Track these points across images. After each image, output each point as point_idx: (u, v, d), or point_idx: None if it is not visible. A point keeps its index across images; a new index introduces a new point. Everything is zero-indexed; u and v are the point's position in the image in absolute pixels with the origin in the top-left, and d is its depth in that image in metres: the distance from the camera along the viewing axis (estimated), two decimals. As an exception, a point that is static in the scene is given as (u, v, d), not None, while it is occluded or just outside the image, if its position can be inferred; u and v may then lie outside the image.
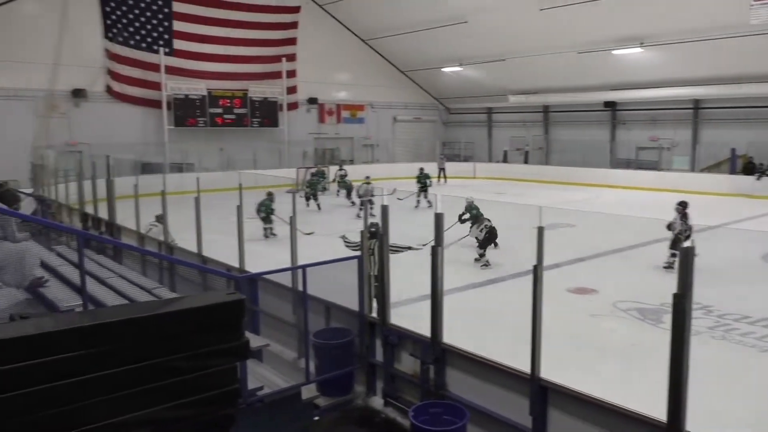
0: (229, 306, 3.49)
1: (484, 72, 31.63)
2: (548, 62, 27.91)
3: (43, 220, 12.97)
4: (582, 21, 24.25)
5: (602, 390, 5.17)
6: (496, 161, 34.33)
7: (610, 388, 5.32)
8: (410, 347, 6.91)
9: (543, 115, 33.13)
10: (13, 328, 2.87)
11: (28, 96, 23.80)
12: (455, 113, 37.86)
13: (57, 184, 17.58)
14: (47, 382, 2.85)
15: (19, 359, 2.76)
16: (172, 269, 10.76)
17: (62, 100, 24.70)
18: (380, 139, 34.95)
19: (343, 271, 7.54)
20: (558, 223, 14.96)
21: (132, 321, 3.12)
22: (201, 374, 3.37)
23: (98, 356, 3.00)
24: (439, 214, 6.49)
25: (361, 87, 33.92)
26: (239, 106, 28.98)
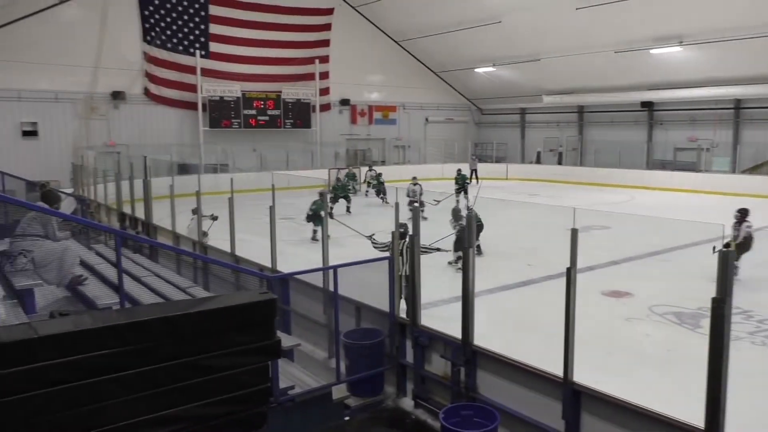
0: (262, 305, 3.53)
1: (518, 72, 31.35)
2: (584, 62, 27.53)
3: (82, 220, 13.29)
4: (619, 20, 23.85)
5: (637, 395, 5.07)
6: (529, 162, 34.01)
7: (645, 393, 5.21)
8: (441, 349, 6.88)
9: (578, 115, 32.68)
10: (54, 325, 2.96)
11: (69, 98, 24.48)
12: (488, 114, 37.60)
13: (96, 184, 18.02)
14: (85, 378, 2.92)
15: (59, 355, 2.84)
16: (206, 268, 10.93)
17: (102, 102, 25.33)
18: (412, 140, 34.93)
19: (373, 272, 7.55)
20: (592, 225, 14.74)
21: (167, 319, 3.18)
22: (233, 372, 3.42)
23: (134, 353, 3.07)
24: (471, 215, 6.45)
25: (393, 88, 33.96)
26: (272, 108, 29.29)
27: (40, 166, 23.00)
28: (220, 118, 27.92)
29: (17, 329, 2.88)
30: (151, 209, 14.15)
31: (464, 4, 27.36)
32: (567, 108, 32.62)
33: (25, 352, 2.77)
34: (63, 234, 7.00)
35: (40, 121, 23.85)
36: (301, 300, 8.82)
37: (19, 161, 22.50)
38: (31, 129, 23.74)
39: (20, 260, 6.36)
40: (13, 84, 23.00)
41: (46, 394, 2.82)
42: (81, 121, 24.83)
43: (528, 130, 35.52)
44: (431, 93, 35.41)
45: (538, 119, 34.75)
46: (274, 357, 3.71)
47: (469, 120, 37.62)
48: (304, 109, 30.19)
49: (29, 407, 2.78)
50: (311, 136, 30.87)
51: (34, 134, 23.77)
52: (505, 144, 35.75)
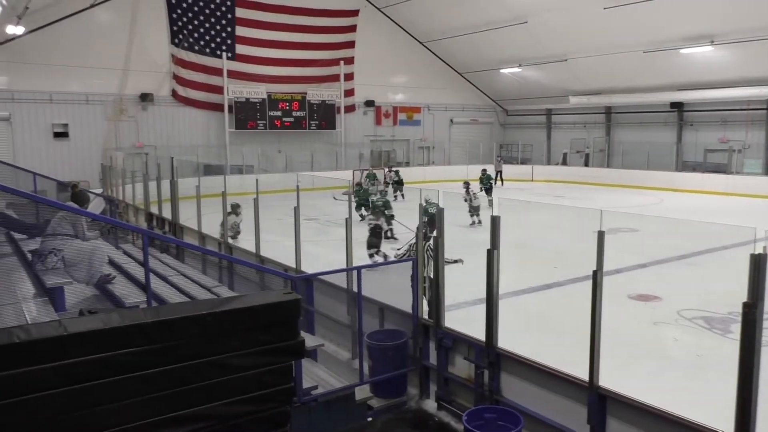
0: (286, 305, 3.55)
1: (544, 73, 31.10)
2: (612, 62, 27.19)
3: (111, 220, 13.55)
4: (648, 19, 23.50)
5: (665, 400, 4.99)
6: (555, 164, 33.68)
7: (673, 399, 5.13)
8: (464, 351, 6.86)
9: (605, 116, 32.28)
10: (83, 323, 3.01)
11: (99, 100, 24.95)
12: (513, 115, 37.36)
13: (124, 185, 18.33)
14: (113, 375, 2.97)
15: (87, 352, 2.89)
16: (231, 268, 11.05)
17: (130, 104, 25.77)
18: (436, 141, 34.87)
19: (397, 273, 7.56)
20: (619, 228, 14.54)
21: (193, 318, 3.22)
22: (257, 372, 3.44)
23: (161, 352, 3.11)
24: (496, 216, 6.42)
25: (417, 89, 33.94)
26: (297, 109, 29.48)
27: (70, 167, 23.51)
28: (246, 120, 28.19)
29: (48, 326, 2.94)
30: (178, 209, 14.35)
31: (490, 5, 27.23)
32: (594, 109, 32.24)
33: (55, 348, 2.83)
34: (92, 233, 7.13)
35: (71, 123, 24.34)
36: (325, 300, 8.87)
37: (51, 162, 23.04)
38: (63, 130, 24.24)
39: (51, 259, 6.50)
40: (45, 86, 23.54)
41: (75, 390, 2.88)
42: (110, 123, 25.29)
43: (554, 132, 35.20)
44: (456, 94, 35.31)
45: (564, 120, 34.42)
46: (298, 357, 3.72)
47: (494, 121, 37.41)
48: (328, 110, 30.33)
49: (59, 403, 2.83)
50: (336, 138, 31.00)
51: (65, 135, 24.26)
52: (531, 145, 35.47)
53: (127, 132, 25.68)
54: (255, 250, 11.35)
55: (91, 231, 7.15)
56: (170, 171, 15.43)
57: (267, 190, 13.42)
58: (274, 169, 27.38)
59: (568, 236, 13.86)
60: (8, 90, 22.96)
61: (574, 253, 12.59)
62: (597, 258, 5.27)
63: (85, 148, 24.44)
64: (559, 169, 32.39)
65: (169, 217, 14.62)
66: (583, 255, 6.09)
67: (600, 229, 5.26)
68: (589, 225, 5.71)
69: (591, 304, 5.35)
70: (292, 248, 10.09)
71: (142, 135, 26.03)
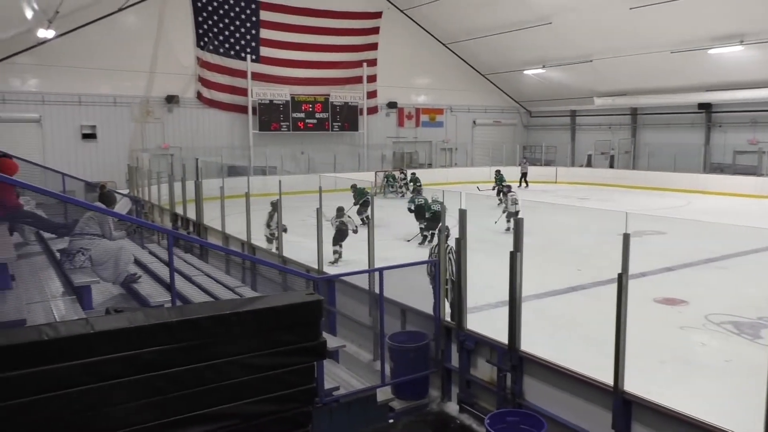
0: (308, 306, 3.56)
1: (569, 74, 30.82)
2: (638, 63, 26.84)
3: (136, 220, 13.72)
4: (675, 19, 23.15)
5: (692, 406, 4.91)
6: (579, 165, 33.34)
7: (700, 405, 5.04)
8: (487, 353, 6.81)
9: (631, 117, 31.86)
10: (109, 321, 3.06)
11: (127, 102, 25.34)
12: (537, 116, 37.08)
13: (150, 186, 18.58)
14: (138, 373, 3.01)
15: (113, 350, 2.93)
16: (254, 269, 11.12)
17: (157, 106, 26.13)
18: (459, 142, 34.75)
19: (419, 275, 7.54)
20: (645, 231, 14.34)
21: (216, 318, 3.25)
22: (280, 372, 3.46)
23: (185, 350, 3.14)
24: (519, 219, 6.38)
25: (440, 91, 33.87)
26: (320, 111, 29.61)
27: (97, 168, 23.91)
28: (270, 121, 28.40)
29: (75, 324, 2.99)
30: (202, 210, 14.50)
31: (514, 6, 27.07)
32: (619, 110, 31.84)
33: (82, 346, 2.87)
34: (119, 233, 7.23)
35: (98, 125, 24.77)
36: (347, 302, 8.88)
37: (79, 163, 23.44)
38: (91, 132, 24.67)
39: (79, 258, 6.61)
40: (74, 89, 23.99)
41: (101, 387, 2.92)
42: (137, 124, 25.68)
43: (578, 133, 34.85)
44: (479, 95, 35.16)
45: (589, 122, 34.06)
46: (320, 358, 3.73)
47: (518, 122, 37.17)
48: (351, 112, 30.42)
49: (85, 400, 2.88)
50: (358, 139, 31.07)
51: (93, 137, 24.69)
52: (554, 147, 35.16)
53: (153, 133, 26.05)
54: (278, 251, 11.42)
55: (117, 231, 7.24)
56: (195, 172, 15.59)
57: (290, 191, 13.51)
58: (297, 171, 27.56)
59: (592, 239, 13.72)
60: (39, 92, 23.46)
61: (598, 256, 12.46)
62: (622, 261, 5.20)
63: (113, 150, 24.85)
64: (584, 171, 32.05)
65: (193, 217, 14.77)
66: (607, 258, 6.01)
67: (625, 231, 5.19)
68: (614, 227, 5.64)
69: (616, 307, 5.28)
70: (314, 249, 10.13)
71: (168, 136, 26.37)
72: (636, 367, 5.41)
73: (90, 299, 6.26)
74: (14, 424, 2.71)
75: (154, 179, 18.41)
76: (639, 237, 9.74)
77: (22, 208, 7.93)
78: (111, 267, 6.74)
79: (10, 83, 22.96)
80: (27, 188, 7.96)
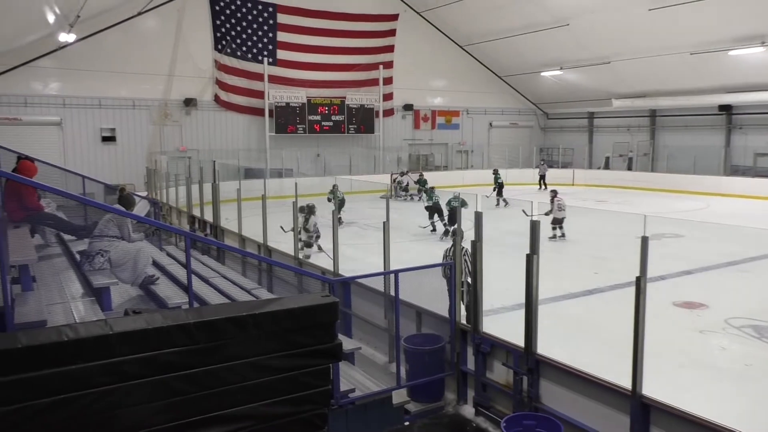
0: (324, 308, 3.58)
1: (586, 75, 30.61)
2: (657, 64, 26.58)
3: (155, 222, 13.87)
4: (695, 20, 22.89)
5: (711, 411, 4.85)
6: (597, 168, 33.08)
7: (720, 409, 4.98)
8: (503, 356, 6.79)
9: (649, 119, 31.56)
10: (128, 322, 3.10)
11: (145, 105, 25.62)
12: (554, 118, 36.86)
13: (168, 188, 18.75)
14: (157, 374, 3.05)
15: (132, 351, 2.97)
16: (270, 271, 11.18)
17: (175, 108, 26.38)
18: (475, 145, 34.65)
19: (434, 277, 7.53)
20: (664, 233, 14.20)
21: (233, 319, 3.28)
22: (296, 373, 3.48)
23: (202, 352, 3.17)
24: (535, 221, 6.35)
25: (456, 93, 33.81)
26: (336, 113, 29.70)
27: (117, 170, 24.21)
28: (286, 124, 28.54)
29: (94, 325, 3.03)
30: (219, 212, 14.60)
31: (531, 7, 26.95)
32: (638, 112, 31.57)
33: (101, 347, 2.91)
34: (137, 235, 7.30)
35: (118, 127, 25.07)
36: (362, 304, 8.89)
37: (98, 165, 23.76)
38: (110, 135, 24.98)
39: (98, 260, 6.69)
40: (94, 92, 24.31)
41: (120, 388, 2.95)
42: (155, 127, 25.95)
43: (596, 135, 34.59)
44: (495, 97, 35.04)
45: (606, 124, 33.79)
46: (335, 360, 3.75)
47: (535, 125, 36.98)
48: (367, 114, 30.47)
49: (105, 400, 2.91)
50: (374, 141, 31.12)
51: (113, 140, 24.99)
52: (572, 149, 34.92)
53: (171, 136, 26.30)
54: (294, 254, 11.47)
55: (136, 233, 7.32)
56: (212, 174, 15.72)
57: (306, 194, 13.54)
58: (313, 173, 27.64)
59: (610, 241, 13.61)
60: (60, 96, 23.79)
61: (616, 259, 12.36)
62: (640, 264, 5.16)
63: (131, 152, 25.14)
64: (602, 173, 31.80)
65: (210, 219, 14.88)
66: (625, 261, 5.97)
67: (644, 234, 5.15)
68: (633, 230, 5.60)
69: (634, 311, 5.24)
70: (330, 251, 10.15)
71: (186, 139, 26.62)
72: (654, 370, 5.36)
73: (109, 300, 6.33)
74: (36, 424, 2.75)
75: (172, 181, 18.57)
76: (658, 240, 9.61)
77: (43, 210, 8.05)
78: (129, 269, 6.81)
79: (31, 87, 23.33)
80: (48, 190, 8.09)
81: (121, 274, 6.78)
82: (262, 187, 13.24)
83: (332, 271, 9.92)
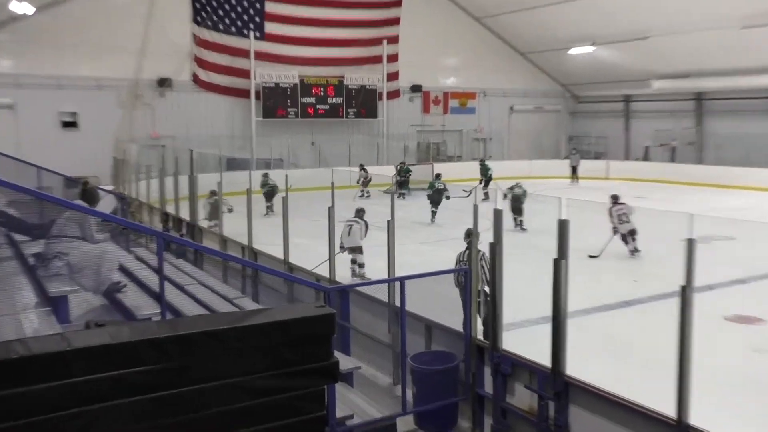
0: (318, 321, 3.55)
1: (622, 53, 30.57)
2: (702, 40, 26.52)
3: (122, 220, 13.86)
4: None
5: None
6: (635, 159, 33.07)
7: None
8: (526, 378, 6.77)
9: (695, 103, 31.53)
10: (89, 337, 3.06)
11: (112, 86, 25.64)
12: (585, 102, 36.85)
13: (138, 181, 18.77)
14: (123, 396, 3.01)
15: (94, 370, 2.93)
16: (256, 277, 11.18)
17: (146, 89, 26.42)
18: (493, 132, 34.64)
19: (447, 285, 7.51)
20: (713, 235, 14.15)
21: (212, 333, 3.24)
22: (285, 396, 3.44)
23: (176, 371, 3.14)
24: (564, 220, 6.31)
25: (472, 72, 33.80)
26: (333, 95, 29.71)
27: (79, 160, 24.09)
28: (275, 107, 28.56)
29: (49, 340, 3.00)
30: (197, 209, 14.60)
31: (558, -27, 26.95)
32: (681, 95, 31.52)
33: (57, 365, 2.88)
34: (102, 236, 7.29)
35: (80, 111, 25.13)
36: (363, 316, 8.88)
37: (58, 155, 23.61)
38: (71, 119, 25.05)
39: (55, 263, 6.66)
40: (53, 70, 24.30)
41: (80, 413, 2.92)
42: (124, 111, 25.96)
43: (633, 121, 34.57)
44: (517, 77, 35.02)
45: (645, 108, 33.77)
46: (331, 381, 3.71)
47: (562, 109, 36.97)
48: (369, 96, 30.47)
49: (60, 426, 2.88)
50: (377, 128, 31.13)
51: (74, 125, 25.06)
52: (605, 137, 34.92)
53: (143, 121, 26.34)
54: (283, 257, 11.45)
55: (100, 233, 7.31)
56: (189, 165, 15.72)
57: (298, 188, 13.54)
58: (306, 164, 27.65)
59: (650, 245, 13.56)
60: (12, 74, 23.81)
61: (657, 265, 12.33)
62: (686, 271, 5.14)
63: (96, 140, 25.10)
64: (640, 165, 31.77)
65: (187, 217, 14.89)
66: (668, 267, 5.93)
67: (689, 236, 5.12)
68: (676, 232, 5.57)
69: (679, 325, 5.22)
70: (326, 255, 10.13)
71: (159, 125, 26.65)
72: (703, 395, 5.32)
73: (67, 311, 6.31)
74: (-21, 455, 2.72)
75: (143, 174, 18.61)
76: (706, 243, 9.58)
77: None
78: (92, 274, 6.78)
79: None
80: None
81: (82, 280, 6.75)
82: (246, 180, 13.25)
83: (328, 278, 9.90)
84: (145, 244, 13.65)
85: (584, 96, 36.69)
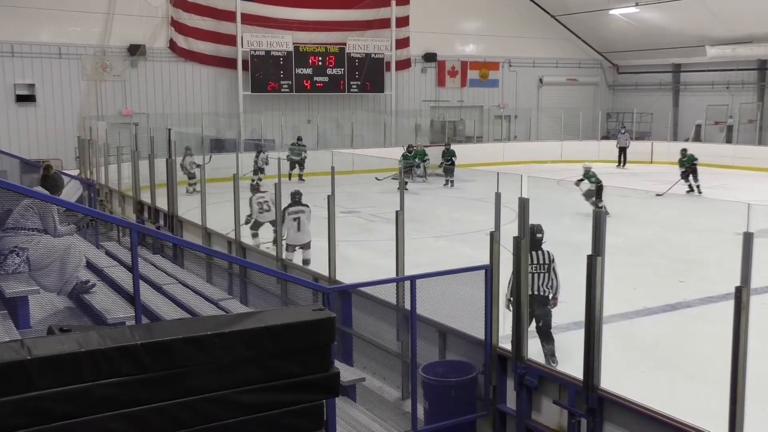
0: (316, 326, 3.58)
1: (670, 14, 30.42)
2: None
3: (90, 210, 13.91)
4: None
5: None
6: (685, 140, 32.91)
7: None
8: (554, 392, 6.80)
9: (757, 74, 31.38)
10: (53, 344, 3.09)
11: (76, 54, 25.64)
12: (626, 72, 36.71)
13: (108, 165, 18.80)
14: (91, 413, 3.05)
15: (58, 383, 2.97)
16: (245, 276, 11.21)
17: (116, 59, 26.40)
18: (519, 108, 34.54)
19: (464, 285, 7.52)
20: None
21: (194, 340, 3.27)
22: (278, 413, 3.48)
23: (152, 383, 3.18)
24: (598, 211, 6.33)
25: (494, 38, 33.66)
26: (333, 66, 29.64)
27: (37, 140, 24.27)
28: (266, 80, 28.54)
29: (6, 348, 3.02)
30: (176, 197, 14.63)
31: None
32: (741, 64, 31.37)
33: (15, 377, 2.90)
34: (66, 228, 7.31)
35: (38, 83, 25.12)
36: (367, 321, 8.90)
37: (12, 134, 23.84)
38: (28, 92, 25.01)
39: (12, 260, 6.69)
40: (5, 35, 24.27)
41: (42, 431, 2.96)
42: (89, 83, 25.96)
43: (683, 96, 34.43)
44: (547, 44, 34.87)
45: (698, 80, 33.63)
46: (331, 395, 3.75)
47: (600, 81, 36.83)
48: (375, 66, 30.40)
49: (21, 447, 2.92)
50: (384, 103, 31.08)
51: (31, 99, 25.03)
52: (650, 114, 34.77)
53: (112, 95, 26.37)
54: (276, 253, 11.49)
55: (64, 225, 7.33)
56: (167, 147, 15.74)
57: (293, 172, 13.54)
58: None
59: (700, 239, 13.56)
60: (-41, 41, 23.84)
61: (708, 263, 12.31)
62: (742, 270, 5.14)
63: (57, 116, 25.18)
64: (691, 147, 31.59)
65: (164, 207, 14.92)
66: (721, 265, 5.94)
67: (747, 229, 5.12)
68: (732, 224, 5.58)
69: (733, 332, 5.22)
70: (325, 250, 10.16)
71: (131, 99, 26.67)
72: (759, 413, 5.34)
73: (27, 315, 6.35)
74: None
75: (113, 156, 18.62)
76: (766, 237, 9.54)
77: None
78: (55, 272, 6.83)
79: None
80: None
81: (44, 279, 6.79)
82: (233, 163, 13.26)
83: (328, 277, 9.93)
84: (117, 237, 13.72)
85: (626, 66, 36.55)
